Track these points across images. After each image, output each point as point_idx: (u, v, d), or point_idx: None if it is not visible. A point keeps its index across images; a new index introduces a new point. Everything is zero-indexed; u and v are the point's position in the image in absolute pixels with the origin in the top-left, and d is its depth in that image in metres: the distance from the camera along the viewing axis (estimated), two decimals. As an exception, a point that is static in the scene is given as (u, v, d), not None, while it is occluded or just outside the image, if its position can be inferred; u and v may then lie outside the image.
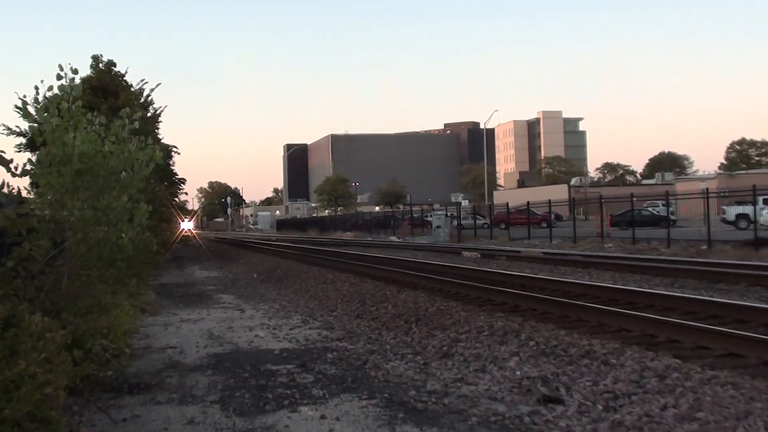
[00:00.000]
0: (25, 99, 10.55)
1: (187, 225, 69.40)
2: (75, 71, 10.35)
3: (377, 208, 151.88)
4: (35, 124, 10.53)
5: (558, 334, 11.51)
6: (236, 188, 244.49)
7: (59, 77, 10.14)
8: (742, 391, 7.72)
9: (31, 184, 10.81)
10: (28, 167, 9.78)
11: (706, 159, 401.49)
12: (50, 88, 10.11)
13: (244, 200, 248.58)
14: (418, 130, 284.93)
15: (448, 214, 63.71)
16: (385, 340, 13.11)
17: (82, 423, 7.79)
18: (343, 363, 11.17)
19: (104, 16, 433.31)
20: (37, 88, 10.21)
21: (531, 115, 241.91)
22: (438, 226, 57.93)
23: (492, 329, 12.48)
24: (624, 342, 10.78)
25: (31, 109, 10.45)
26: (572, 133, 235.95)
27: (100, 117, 10.89)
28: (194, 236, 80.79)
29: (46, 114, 9.90)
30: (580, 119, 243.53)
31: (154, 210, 15.01)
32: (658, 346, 10.60)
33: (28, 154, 29.99)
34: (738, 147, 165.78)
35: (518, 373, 9.72)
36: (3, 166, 8.57)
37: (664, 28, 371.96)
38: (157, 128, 37.59)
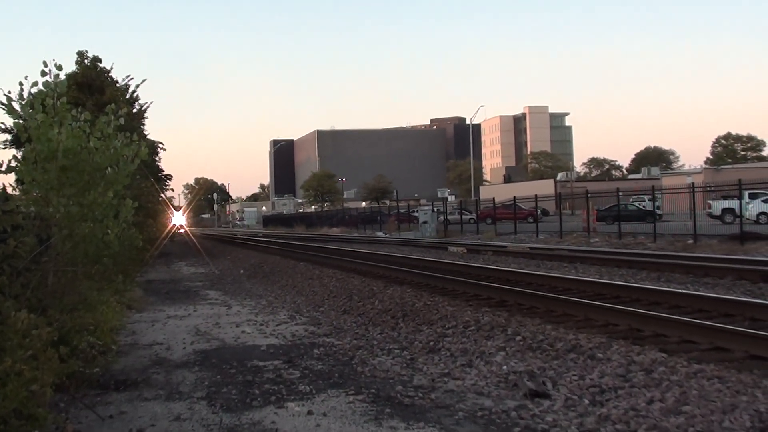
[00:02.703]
0: (9, 95, 10.50)
1: (179, 219, 67.49)
2: (59, 67, 10.31)
3: (364, 204, 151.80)
4: (20, 121, 10.49)
5: (544, 329, 11.53)
6: (222, 184, 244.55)
7: (44, 73, 10.10)
8: (728, 385, 7.75)
9: (17, 180, 10.75)
10: (13, 164, 9.74)
11: (692, 154, 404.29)
12: (35, 84, 10.06)
13: (230, 196, 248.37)
14: (404, 126, 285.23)
15: (435, 209, 63.85)
16: (372, 336, 13.12)
17: (69, 420, 7.76)
18: (330, 359, 11.18)
19: (90, 11, 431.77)
20: (21, 84, 10.16)
21: (517, 110, 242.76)
22: (424, 222, 57.94)
23: (479, 324, 12.49)
24: (610, 336, 10.81)
25: (16, 106, 10.39)
26: (558, 128, 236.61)
27: (85, 113, 10.85)
28: (187, 233, 77.05)
29: (31, 110, 9.86)
30: (567, 114, 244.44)
31: (140, 206, 14.97)
32: (644, 340, 10.63)
33: (13, 151, 29.93)
34: (724, 142, 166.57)
35: (505, 367, 9.74)
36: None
37: (650, 24, 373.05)
38: (143, 124, 37.60)
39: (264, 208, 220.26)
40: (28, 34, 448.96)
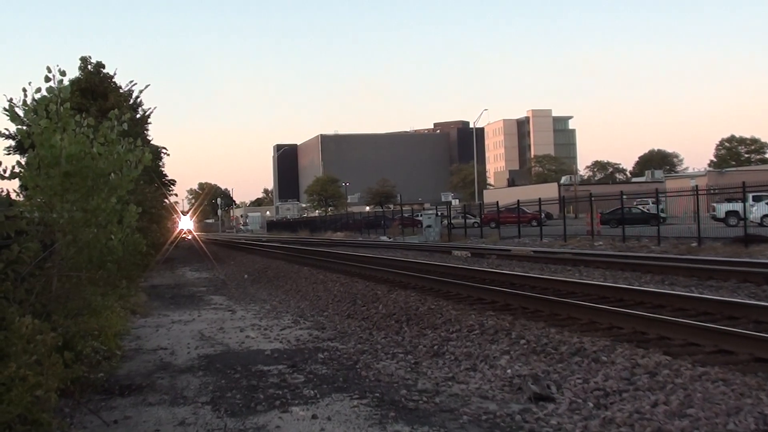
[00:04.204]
0: (12, 101, 10.53)
1: (186, 224, 66.03)
2: (63, 73, 10.31)
3: (368, 208, 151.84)
4: (23, 127, 10.50)
5: (548, 332, 11.51)
6: (226, 189, 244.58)
7: (47, 79, 10.11)
8: (733, 387, 7.73)
9: (21, 186, 10.76)
10: (17, 170, 9.76)
11: (696, 156, 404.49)
12: (38, 90, 10.08)
13: (234, 201, 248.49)
14: (407, 130, 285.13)
15: (439, 213, 63.71)
16: (376, 340, 13.12)
17: (74, 425, 7.78)
18: (334, 363, 11.18)
19: (93, 17, 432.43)
20: (24, 90, 10.17)
21: (520, 114, 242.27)
22: (428, 226, 57.90)
23: (483, 328, 12.49)
24: (614, 339, 10.78)
25: (20, 112, 10.41)
26: (562, 131, 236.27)
27: (89, 119, 10.86)
28: (195, 238, 74.44)
29: (34, 116, 9.87)
30: (570, 117, 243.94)
31: (144, 211, 14.98)
32: (648, 343, 10.61)
33: (17, 157, 29.97)
34: (727, 144, 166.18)
35: (509, 371, 9.74)
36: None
37: (653, 27, 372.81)
38: (147, 129, 37.62)
39: (268, 212, 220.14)
40: (31, 42, 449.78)
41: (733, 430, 6.68)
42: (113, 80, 35.57)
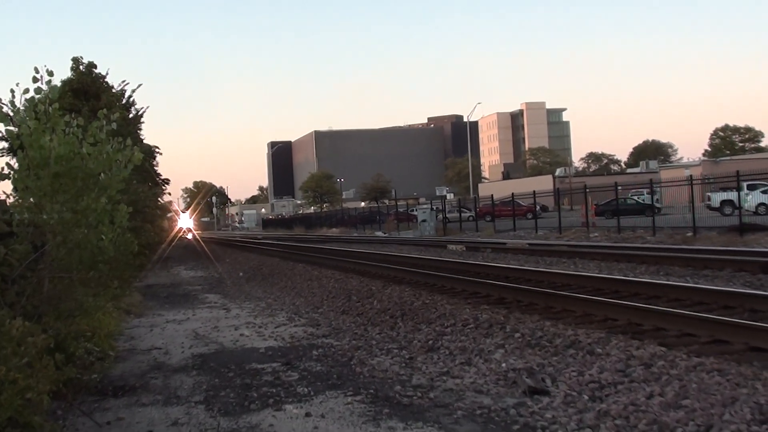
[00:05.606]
0: (1, 102, 10.45)
1: (185, 222, 65.27)
2: (51, 73, 10.23)
3: (363, 204, 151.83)
4: (12, 128, 10.43)
5: (543, 325, 11.50)
6: (221, 187, 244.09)
7: (35, 80, 10.04)
8: (728, 378, 7.72)
9: (13, 189, 10.69)
10: (6, 171, 9.70)
11: (690, 146, 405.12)
12: (26, 91, 10.00)
13: (229, 199, 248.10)
14: (401, 125, 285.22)
15: (434, 207, 63.76)
16: (371, 336, 13.08)
17: (66, 427, 7.73)
18: (329, 360, 11.14)
19: (85, 17, 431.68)
20: (12, 91, 10.10)
21: (514, 107, 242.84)
22: (423, 220, 57.93)
23: (477, 322, 12.46)
24: (609, 331, 10.77)
25: (9, 112, 10.33)
26: (556, 123, 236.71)
27: (78, 119, 10.79)
28: (195, 237, 72.28)
29: (23, 117, 9.80)
30: (564, 110, 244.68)
31: (137, 211, 14.91)
32: (643, 334, 10.60)
33: (8, 159, 29.87)
34: (721, 133, 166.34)
35: (504, 365, 9.70)
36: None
37: (646, 17, 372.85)
38: (140, 129, 37.47)
39: (263, 210, 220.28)
40: (23, 43, 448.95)
41: (729, 421, 6.64)
42: (105, 80, 35.46)
